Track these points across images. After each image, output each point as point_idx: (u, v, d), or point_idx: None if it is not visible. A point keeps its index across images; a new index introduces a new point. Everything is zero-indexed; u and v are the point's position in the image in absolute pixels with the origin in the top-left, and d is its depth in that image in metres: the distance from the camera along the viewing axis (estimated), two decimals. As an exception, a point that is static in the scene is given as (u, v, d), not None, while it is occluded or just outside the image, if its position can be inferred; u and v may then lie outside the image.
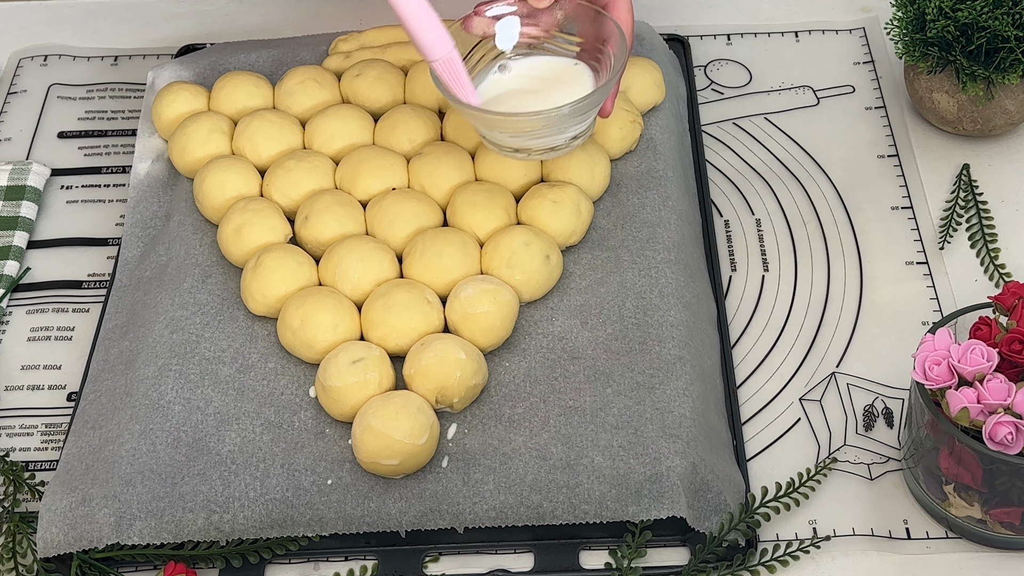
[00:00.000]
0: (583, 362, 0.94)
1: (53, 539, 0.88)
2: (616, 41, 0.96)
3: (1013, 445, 0.82)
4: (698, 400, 0.92)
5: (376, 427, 0.88)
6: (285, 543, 0.89)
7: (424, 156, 1.04)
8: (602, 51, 0.98)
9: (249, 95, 1.10)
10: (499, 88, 0.99)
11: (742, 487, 0.92)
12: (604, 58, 0.98)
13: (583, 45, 0.99)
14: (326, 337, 0.94)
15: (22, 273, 1.09)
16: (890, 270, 1.05)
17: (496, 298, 0.95)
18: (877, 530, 0.91)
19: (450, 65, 0.92)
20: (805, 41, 1.24)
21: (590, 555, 0.90)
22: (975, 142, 1.14)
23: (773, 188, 1.12)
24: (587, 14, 0.99)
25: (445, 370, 0.91)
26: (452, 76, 0.93)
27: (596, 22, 0.98)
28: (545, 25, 1.00)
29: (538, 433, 0.91)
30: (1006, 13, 1.04)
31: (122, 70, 1.25)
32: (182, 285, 1.00)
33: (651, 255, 0.99)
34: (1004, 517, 0.86)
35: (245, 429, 0.92)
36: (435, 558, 0.90)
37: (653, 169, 1.05)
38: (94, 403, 0.96)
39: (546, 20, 1.00)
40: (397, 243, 1.00)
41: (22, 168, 1.14)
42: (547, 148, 0.97)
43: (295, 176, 1.03)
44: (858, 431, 0.96)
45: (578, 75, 0.99)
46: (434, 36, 0.92)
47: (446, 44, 0.92)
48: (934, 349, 0.84)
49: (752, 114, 1.18)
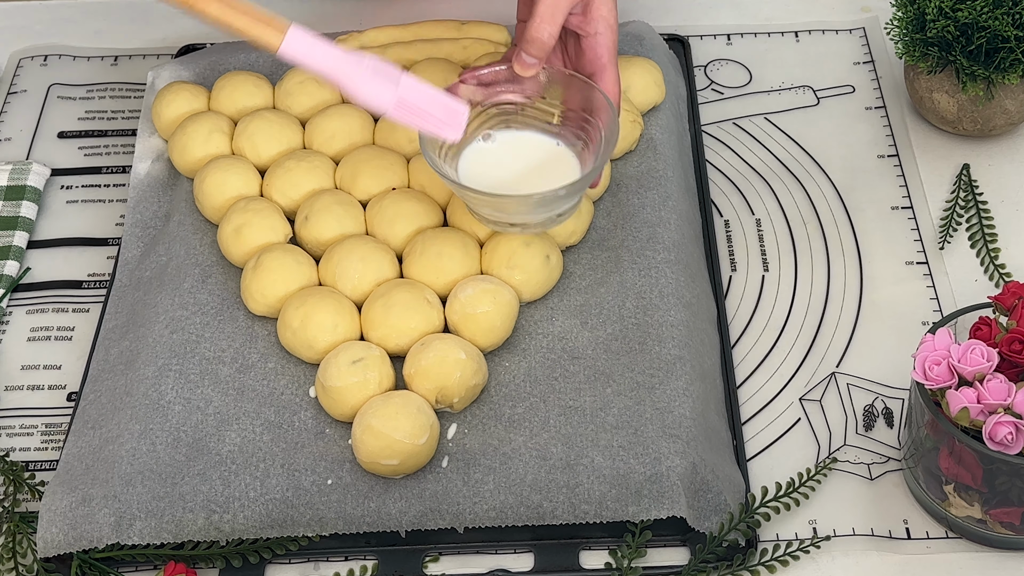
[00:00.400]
0: (583, 362, 0.94)
1: (53, 539, 0.88)
2: (606, 114, 0.95)
3: (1013, 445, 0.82)
4: (698, 400, 0.92)
5: (376, 427, 0.88)
6: (285, 543, 0.89)
7: (424, 156, 1.04)
8: (589, 122, 0.96)
9: (249, 95, 1.10)
10: (485, 161, 0.98)
11: (742, 487, 0.92)
12: (592, 130, 0.96)
13: (567, 113, 0.98)
14: (326, 337, 0.94)
15: (22, 273, 1.09)
16: (890, 270, 1.05)
17: (496, 298, 0.95)
18: (877, 530, 0.91)
19: (403, 106, 0.89)
20: (805, 41, 1.24)
21: (590, 555, 0.90)
22: (975, 142, 1.14)
23: (773, 188, 1.12)
24: (574, 83, 0.97)
25: (445, 370, 0.91)
26: (412, 114, 0.90)
27: (583, 92, 0.97)
28: (529, 91, 0.98)
29: (538, 433, 0.91)
30: (1006, 13, 1.04)
31: (122, 70, 1.25)
32: (182, 285, 1.00)
33: (651, 255, 0.99)
34: (1004, 517, 0.86)
35: (245, 429, 0.92)
36: (435, 558, 0.90)
37: (653, 169, 1.05)
38: (94, 403, 0.96)
39: (530, 86, 0.98)
40: (397, 243, 1.00)
41: (22, 168, 1.14)
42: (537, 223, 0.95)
43: (295, 176, 1.03)
44: (858, 431, 0.96)
45: (561, 155, 0.98)
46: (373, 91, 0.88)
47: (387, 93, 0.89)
48: (934, 349, 0.84)
49: (752, 114, 1.18)
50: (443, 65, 1.10)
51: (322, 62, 0.86)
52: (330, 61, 0.86)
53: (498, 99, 0.98)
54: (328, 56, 0.86)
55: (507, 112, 0.99)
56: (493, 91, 0.98)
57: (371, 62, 0.88)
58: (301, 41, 0.86)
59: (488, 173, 0.96)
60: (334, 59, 0.87)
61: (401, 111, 0.89)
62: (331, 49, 0.87)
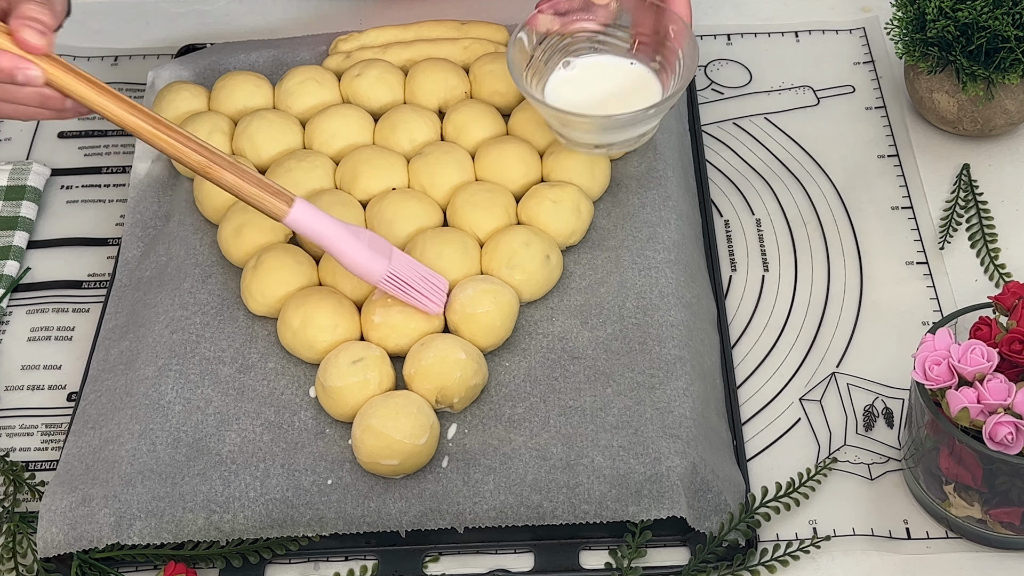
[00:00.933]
0: (583, 362, 0.94)
1: (53, 539, 0.88)
2: (681, 34, 1.00)
3: (1013, 445, 0.82)
4: (698, 400, 0.92)
5: (376, 427, 0.89)
6: (285, 543, 0.89)
7: (424, 156, 1.04)
8: (665, 45, 1.01)
9: (249, 95, 1.10)
10: (568, 86, 1.03)
11: (742, 487, 0.92)
12: (668, 52, 1.01)
13: (641, 37, 1.03)
14: (326, 337, 0.94)
15: (22, 273, 1.09)
16: (890, 270, 1.05)
17: (496, 298, 0.95)
18: (877, 530, 0.91)
19: (393, 279, 0.92)
20: (805, 41, 1.24)
21: (590, 555, 0.90)
22: (975, 142, 1.14)
23: (773, 188, 1.12)
24: (646, 7, 1.02)
25: (445, 370, 0.91)
26: (400, 287, 0.93)
27: (655, 15, 1.01)
28: (603, 18, 1.03)
29: (538, 433, 0.91)
30: (1006, 13, 1.04)
31: (122, 70, 1.25)
32: (182, 285, 1.00)
33: (651, 255, 0.99)
34: (1004, 517, 0.86)
35: (245, 429, 0.92)
36: (435, 558, 0.90)
37: (653, 169, 1.05)
38: (94, 403, 0.96)
39: (604, 13, 1.03)
40: (397, 243, 1.00)
41: (22, 168, 1.14)
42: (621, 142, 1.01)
43: (295, 176, 1.03)
44: (858, 431, 0.96)
45: (641, 76, 1.03)
46: (368, 262, 0.92)
47: (381, 265, 0.92)
48: (934, 349, 0.84)
49: (752, 114, 1.18)
50: (443, 65, 1.10)
51: (323, 232, 0.91)
52: (330, 230, 0.91)
53: (574, 27, 1.03)
54: (330, 226, 0.91)
55: (584, 39, 1.04)
56: (569, 19, 1.03)
57: (367, 235, 0.93)
58: (306, 212, 0.91)
59: (573, 97, 1.01)
60: (335, 229, 0.91)
61: (391, 283, 0.93)
62: (332, 221, 0.92)
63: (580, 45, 1.05)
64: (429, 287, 0.94)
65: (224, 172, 0.90)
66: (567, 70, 1.04)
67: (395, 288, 0.93)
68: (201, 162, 0.90)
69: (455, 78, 1.09)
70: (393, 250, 0.94)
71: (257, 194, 0.90)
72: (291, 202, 0.90)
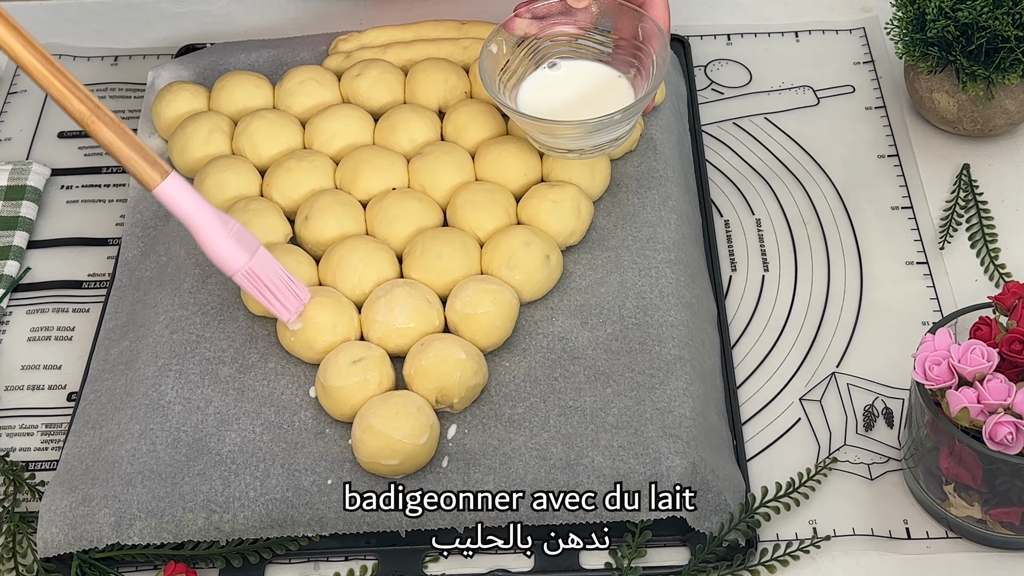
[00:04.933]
0: (583, 362, 0.94)
1: (53, 539, 0.88)
2: (657, 40, 1.00)
3: (1013, 445, 0.82)
4: (698, 400, 0.92)
5: (376, 427, 0.89)
6: (285, 543, 0.89)
7: (424, 156, 1.04)
8: (641, 50, 1.02)
9: (249, 95, 1.10)
10: (544, 89, 1.03)
11: (742, 487, 0.92)
12: (644, 57, 1.02)
13: (618, 43, 1.03)
14: (326, 337, 0.94)
15: (22, 273, 1.09)
16: (890, 270, 1.05)
17: (496, 298, 0.95)
18: (877, 530, 0.91)
19: (251, 275, 0.91)
20: (805, 41, 1.24)
21: (590, 555, 0.90)
22: (975, 142, 1.14)
23: (773, 188, 1.12)
24: (624, 12, 1.02)
25: (445, 370, 0.91)
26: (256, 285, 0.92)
27: (633, 20, 1.02)
28: (582, 22, 1.03)
29: (538, 433, 0.91)
30: (1006, 13, 1.04)
31: (122, 70, 1.25)
32: (182, 285, 1.00)
33: (651, 255, 0.99)
34: (1004, 517, 0.86)
35: (245, 429, 0.92)
36: (435, 558, 0.90)
37: (653, 169, 1.05)
38: (94, 403, 0.96)
39: (583, 18, 1.03)
40: (397, 243, 1.00)
41: (22, 168, 1.14)
42: (593, 147, 1.01)
43: (295, 176, 1.03)
44: (858, 431, 0.96)
45: (615, 81, 1.03)
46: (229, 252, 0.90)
47: (240, 258, 0.90)
48: (934, 349, 0.84)
49: (752, 114, 1.18)
50: (443, 65, 1.10)
51: (191, 212, 0.89)
52: (197, 212, 0.89)
53: (552, 31, 1.04)
54: (197, 207, 0.89)
55: (563, 43, 1.04)
56: (547, 24, 1.04)
57: (236, 227, 0.90)
58: (176, 187, 0.88)
59: (546, 101, 1.02)
60: (202, 211, 0.89)
61: (247, 279, 0.91)
62: (203, 203, 0.89)
63: (558, 49, 1.05)
64: (287, 293, 0.93)
65: (104, 128, 0.87)
66: (552, 70, 1.04)
67: (250, 285, 0.91)
68: (84, 112, 0.87)
69: (455, 78, 1.10)
70: (260, 248, 0.92)
71: (132, 157, 0.87)
72: (165, 174, 0.88)
